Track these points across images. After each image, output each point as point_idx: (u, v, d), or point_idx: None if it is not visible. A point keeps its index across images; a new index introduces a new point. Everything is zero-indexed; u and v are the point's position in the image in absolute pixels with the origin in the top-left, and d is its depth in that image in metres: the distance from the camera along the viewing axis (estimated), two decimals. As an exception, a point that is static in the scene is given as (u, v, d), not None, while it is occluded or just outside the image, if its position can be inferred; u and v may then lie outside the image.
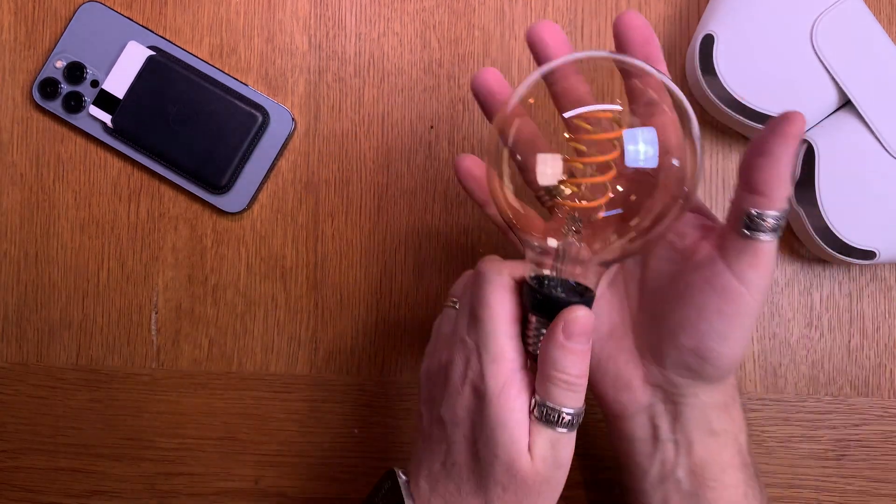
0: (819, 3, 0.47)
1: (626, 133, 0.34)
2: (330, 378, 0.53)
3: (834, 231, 0.46)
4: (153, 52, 0.52)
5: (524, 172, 0.37)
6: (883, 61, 0.47)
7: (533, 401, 0.36)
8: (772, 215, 0.35)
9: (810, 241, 0.49)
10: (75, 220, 0.54)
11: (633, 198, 0.35)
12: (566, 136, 0.36)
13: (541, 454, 0.36)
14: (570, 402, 0.36)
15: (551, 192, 0.36)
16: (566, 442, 0.36)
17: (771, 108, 0.47)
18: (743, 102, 0.47)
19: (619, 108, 0.35)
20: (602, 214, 0.35)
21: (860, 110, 0.46)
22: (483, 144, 0.52)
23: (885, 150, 0.46)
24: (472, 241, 0.53)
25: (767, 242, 0.35)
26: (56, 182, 0.54)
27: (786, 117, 0.34)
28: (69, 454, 0.54)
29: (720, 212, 0.52)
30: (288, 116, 0.52)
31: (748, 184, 0.36)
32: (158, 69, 0.52)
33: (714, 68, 0.47)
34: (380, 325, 0.53)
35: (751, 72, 0.47)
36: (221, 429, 0.53)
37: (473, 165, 0.41)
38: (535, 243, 0.37)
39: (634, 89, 0.36)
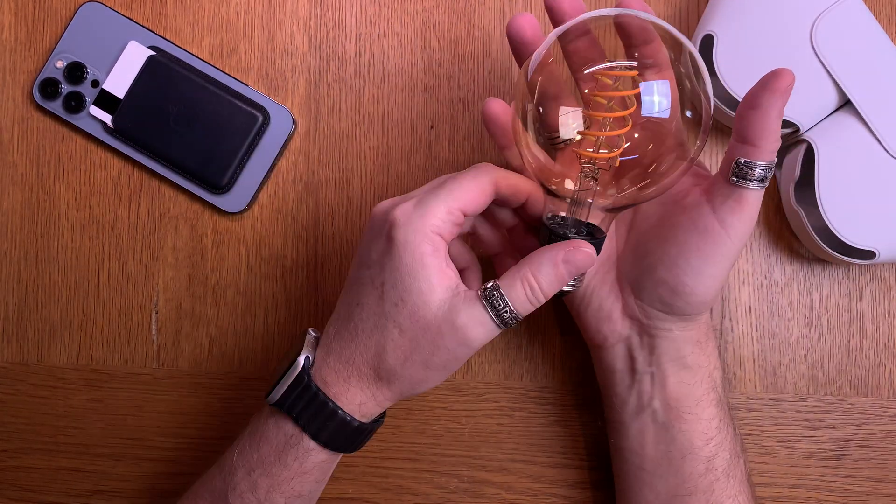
0: (819, 3, 0.47)
1: (644, 86, 0.37)
2: (330, 378, 0.53)
3: (834, 231, 0.46)
4: (153, 53, 0.52)
5: (547, 123, 0.39)
6: (883, 61, 0.47)
7: (491, 282, 0.38)
8: (759, 165, 0.38)
9: (810, 241, 0.49)
10: (76, 220, 0.54)
11: (649, 147, 0.38)
12: (586, 91, 0.38)
13: (462, 321, 0.38)
14: (519, 305, 0.38)
15: (570, 142, 0.39)
16: (488, 329, 0.38)
17: (771, 108, 0.47)
18: (743, 102, 0.47)
19: (635, 64, 0.38)
20: (617, 163, 0.38)
21: (860, 110, 0.46)
22: (509, 95, 0.52)
23: (885, 150, 0.46)
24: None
25: (753, 191, 0.38)
26: (56, 182, 0.54)
27: (775, 74, 0.37)
28: (69, 454, 0.54)
29: (720, 212, 0.52)
30: (288, 116, 0.52)
31: (739, 134, 0.38)
32: (159, 69, 0.52)
33: (714, 68, 0.47)
34: (380, 324, 0.53)
35: (751, 72, 0.47)
36: (221, 429, 0.53)
37: (501, 111, 0.42)
38: (553, 187, 0.40)
39: (643, 43, 0.38)
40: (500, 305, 0.38)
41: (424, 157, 0.53)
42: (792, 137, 0.49)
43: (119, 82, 0.52)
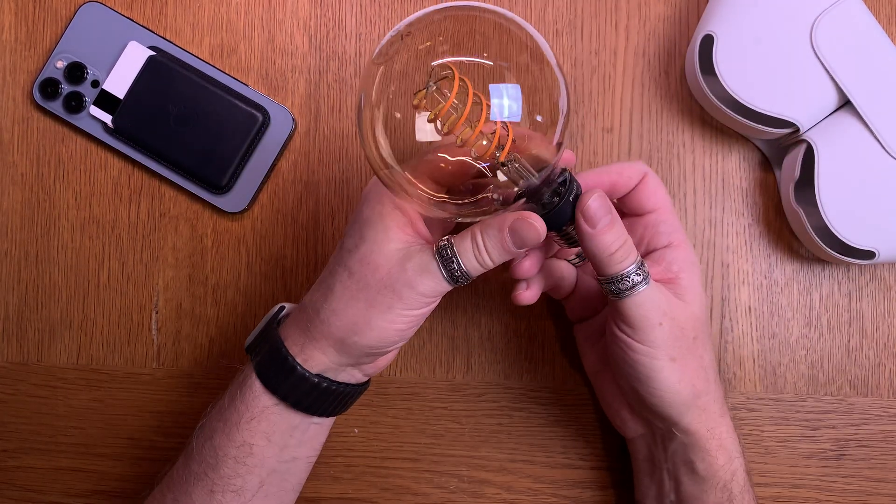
0: (819, 3, 0.47)
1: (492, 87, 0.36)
2: (330, 378, 0.53)
3: (833, 231, 0.46)
4: (153, 53, 0.52)
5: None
6: (883, 61, 0.47)
7: (447, 238, 0.39)
8: (610, 277, 0.39)
9: (810, 241, 0.49)
10: (76, 220, 0.54)
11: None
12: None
13: (411, 266, 0.38)
14: (467, 263, 0.38)
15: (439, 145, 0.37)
16: (436, 281, 0.38)
17: (770, 108, 0.47)
18: (742, 102, 0.47)
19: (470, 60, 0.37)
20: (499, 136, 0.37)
21: (860, 110, 0.46)
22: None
23: (885, 150, 0.46)
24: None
25: (629, 299, 0.39)
26: (57, 182, 0.54)
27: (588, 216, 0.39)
28: (69, 454, 0.54)
29: (720, 211, 0.52)
30: (288, 116, 0.52)
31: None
32: (159, 69, 0.52)
33: (714, 68, 0.47)
34: (380, 324, 0.53)
35: (750, 72, 0.47)
36: (222, 428, 0.53)
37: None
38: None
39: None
40: (447, 255, 0.38)
41: (424, 157, 0.53)
42: (792, 137, 0.49)
43: (119, 82, 0.52)
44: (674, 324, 0.40)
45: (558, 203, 0.39)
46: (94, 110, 0.52)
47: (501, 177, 0.38)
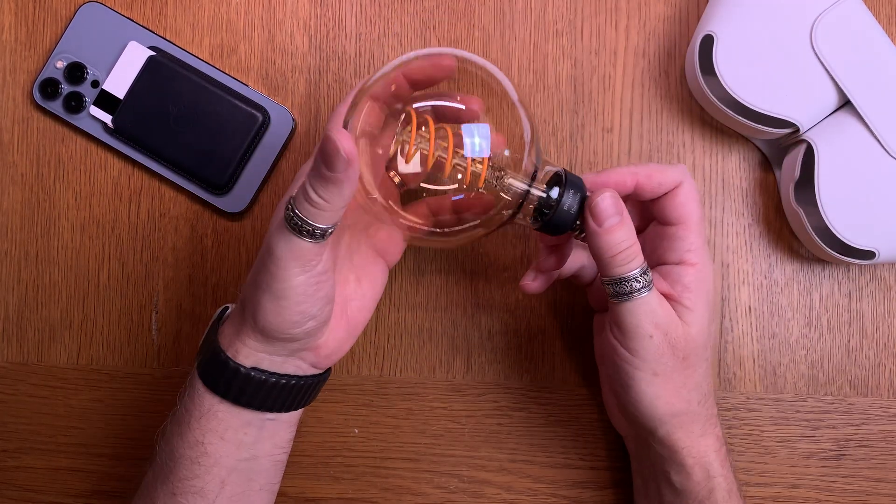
0: (819, 3, 0.47)
1: (465, 128, 0.39)
2: (330, 378, 0.53)
3: (833, 231, 0.46)
4: (153, 53, 0.52)
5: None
6: (883, 61, 0.47)
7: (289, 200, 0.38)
8: (606, 280, 0.39)
9: (810, 241, 0.49)
10: (76, 220, 0.54)
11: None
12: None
13: (270, 233, 0.38)
14: (301, 205, 0.36)
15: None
16: (287, 240, 0.37)
17: (770, 108, 0.47)
18: (742, 102, 0.47)
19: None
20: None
21: (860, 110, 0.46)
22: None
23: (885, 150, 0.46)
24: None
25: (627, 303, 0.39)
26: (56, 182, 0.54)
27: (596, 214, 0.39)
28: (69, 454, 0.54)
29: (720, 211, 0.52)
30: (288, 117, 0.52)
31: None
32: (159, 69, 0.52)
33: (714, 68, 0.47)
34: (380, 325, 0.53)
35: (750, 72, 0.47)
36: (222, 429, 0.53)
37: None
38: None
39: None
40: (289, 209, 0.37)
41: (424, 158, 0.53)
42: (792, 137, 0.49)
43: (119, 82, 0.52)
44: (664, 339, 0.39)
45: (559, 199, 0.39)
46: (94, 110, 0.52)
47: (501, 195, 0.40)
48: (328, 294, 0.39)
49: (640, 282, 0.39)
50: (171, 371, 0.54)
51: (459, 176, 0.39)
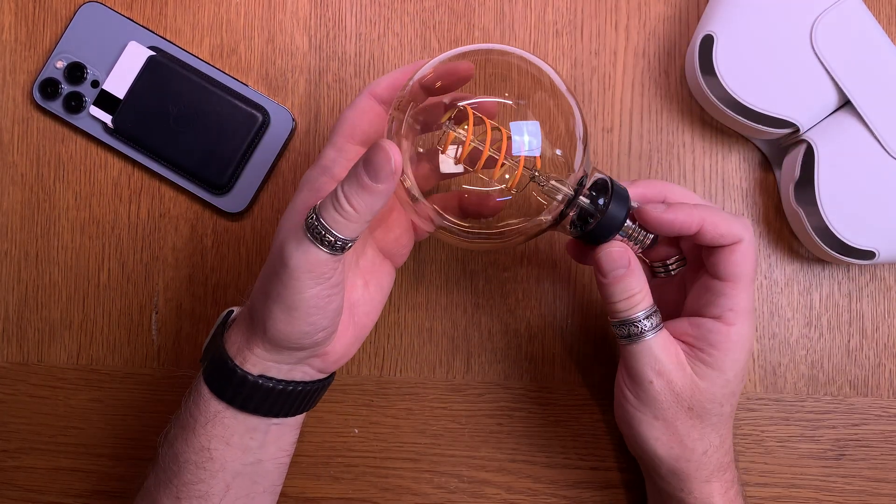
0: (819, 3, 0.47)
1: (513, 125, 0.38)
2: (330, 378, 0.53)
3: (833, 231, 0.46)
4: (153, 53, 0.52)
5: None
6: (883, 61, 0.47)
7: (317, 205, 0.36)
8: (612, 322, 0.40)
9: (810, 241, 0.49)
10: (76, 220, 0.54)
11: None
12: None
13: (286, 245, 0.36)
14: (330, 216, 0.35)
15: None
16: (307, 253, 0.36)
17: (770, 108, 0.47)
18: (742, 102, 0.47)
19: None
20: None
21: (860, 110, 0.46)
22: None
23: (885, 150, 0.46)
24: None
25: (626, 345, 0.40)
26: (56, 182, 0.54)
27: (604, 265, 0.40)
28: (69, 454, 0.54)
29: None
30: (288, 117, 0.52)
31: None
32: (159, 69, 0.52)
33: (714, 68, 0.47)
34: (380, 325, 0.53)
35: (750, 72, 0.47)
36: (222, 429, 0.53)
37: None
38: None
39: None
40: (312, 220, 0.35)
41: (424, 158, 0.53)
42: (792, 137, 0.49)
43: (119, 82, 0.52)
44: (667, 387, 0.39)
45: (605, 208, 0.39)
46: (94, 110, 0.52)
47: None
48: (339, 305, 0.39)
49: (644, 325, 0.39)
50: (171, 371, 0.54)
51: (507, 177, 0.38)
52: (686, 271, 0.44)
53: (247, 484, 0.42)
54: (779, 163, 0.51)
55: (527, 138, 0.38)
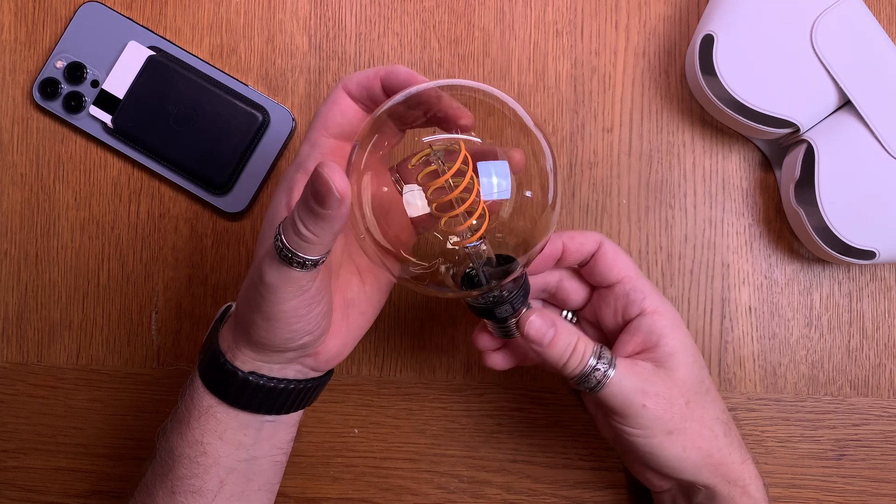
0: (819, 3, 0.47)
1: (481, 166, 0.36)
2: (330, 378, 0.53)
3: (834, 231, 0.46)
4: (153, 53, 0.52)
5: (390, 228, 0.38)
6: (883, 61, 0.47)
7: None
8: (572, 381, 0.40)
9: (810, 241, 0.49)
10: (75, 220, 0.54)
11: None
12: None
13: (262, 257, 0.36)
14: (289, 237, 0.35)
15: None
16: (277, 269, 0.35)
17: (771, 108, 0.47)
18: (743, 102, 0.47)
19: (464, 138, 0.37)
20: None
21: (860, 110, 0.46)
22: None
23: (885, 150, 0.46)
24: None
25: (600, 391, 0.39)
26: (56, 182, 0.54)
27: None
28: (69, 454, 0.54)
29: (720, 211, 0.52)
30: (288, 116, 0.52)
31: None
32: (159, 69, 0.52)
33: (714, 68, 0.47)
34: (380, 325, 0.53)
35: (751, 72, 0.47)
36: (221, 429, 0.53)
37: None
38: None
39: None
40: (279, 243, 0.35)
41: (424, 157, 0.53)
42: (792, 137, 0.49)
43: (119, 82, 0.52)
44: (658, 399, 0.40)
45: (508, 297, 0.39)
46: (94, 110, 0.52)
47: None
48: (324, 309, 0.39)
49: (601, 368, 0.39)
50: (170, 371, 0.53)
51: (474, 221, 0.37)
52: (587, 309, 0.46)
53: (241, 481, 0.42)
54: (779, 163, 0.51)
55: (495, 180, 0.36)
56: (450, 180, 0.36)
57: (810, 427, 0.51)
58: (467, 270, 0.39)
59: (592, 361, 0.39)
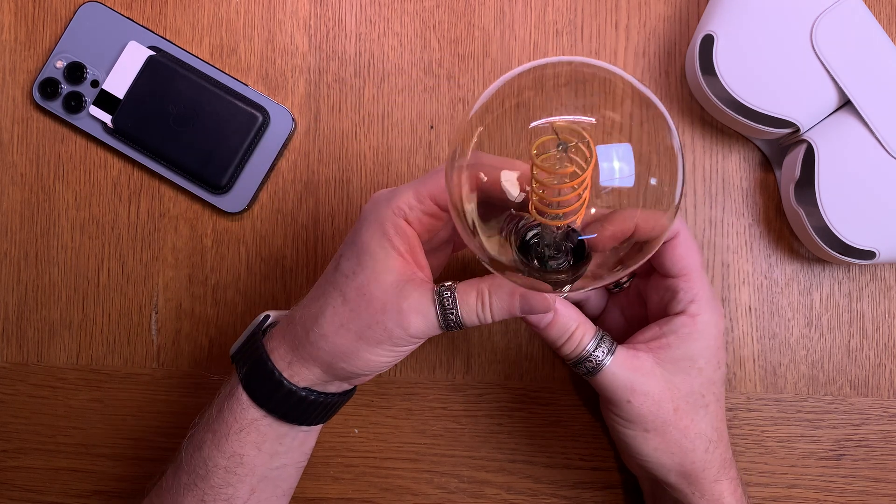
0: (819, 3, 0.47)
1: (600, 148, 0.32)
2: (330, 378, 0.53)
3: (834, 231, 0.46)
4: (153, 53, 0.52)
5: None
6: (883, 61, 0.47)
7: (450, 283, 0.38)
8: (568, 362, 0.40)
9: (810, 241, 0.49)
10: (75, 220, 0.54)
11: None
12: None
13: (407, 305, 0.37)
14: (467, 314, 0.38)
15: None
16: (429, 324, 0.38)
17: (771, 108, 0.47)
18: (743, 102, 0.47)
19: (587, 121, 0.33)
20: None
21: (860, 110, 0.46)
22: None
23: (885, 150, 0.46)
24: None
25: (591, 377, 0.40)
26: (56, 182, 0.54)
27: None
28: (69, 454, 0.54)
29: (720, 211, 0.52)
30: (288, 116, 0.52)
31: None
32: (159, 69, 0.52)
33: (714, 68, 0.47)
34: (380, 325, 0.53)
35: (751, 72, 0.47)
36: (221, 429, 0.53)
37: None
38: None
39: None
40: (448, 305, 0.38)
41: (424, 158, 0.53)
42: (792, 137, 0.49)
43: (119, 82, 0.52)
44: (645, 399, 0.40)
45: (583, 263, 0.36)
46: (94, 110, 0.52)
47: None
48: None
49: (597, 356, 0.39)
50: (170, 371, 0.53)
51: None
52: (638, 280, 0.45)
53: (270, 487, 0.42)
54: (779, 163, 0.51)
55: (617, 165, 0.32)
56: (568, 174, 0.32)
57: (810, 427, 0.51)
58: (546, 245, 0.36)
59: (591, 347, 0.39)
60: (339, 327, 0.38)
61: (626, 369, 0.40)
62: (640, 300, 0.46)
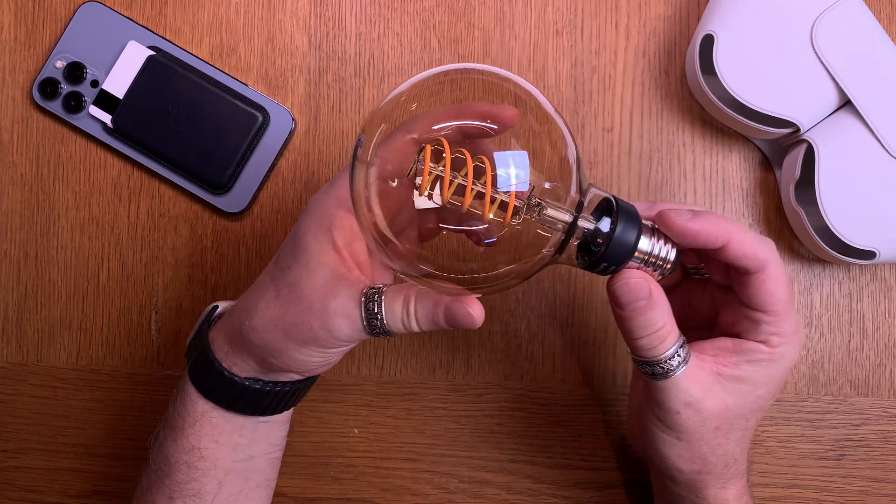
0: (819, 3, 0.47)
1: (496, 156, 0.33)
2: (329, 378, 0.53)
3: (834, 231, 0.46)
4: (153, 52, 0.52)
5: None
6: (883, 61, 0.47)
7: (381, 286, 0.37)
8: (636, 359, 0.38)
9: (810, 241, 0.49)
10: (75, 220, 0.54)
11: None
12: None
13: (333, 307, 0.36)
14: (391, 321, 0.37)
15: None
16: (354, 328, 0.37)
17: (771, 108, 0.47)
18: (743, 102, 0.47)
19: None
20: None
21: (860, 110, 0.46)
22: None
23: (885, 150, 0.46)
24: (470, 242, 0.53)
25: (661, 381, 0.37)
26: (56, 182, 0.54)
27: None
28: (69, 454, 0.54)
29: (721, 210, 0.52)
30: (288, 116, 0.52)
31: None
32: (158, 69, 0.52)
33: (714, 68, 0.47)
34: (380, 325, 0.53)
35: (751, 72, 0.47)
36: (221, 429, 0.53)
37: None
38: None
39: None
40: (374, 310, 0.36)
41: (424, 157, 0.53)
42: (792, 137, 0.49)
43: (119, 82, 0.52)
44: (694, 414, 0.38)
45: (612, 229, 0.34)
46: (94, 110, 0.52)
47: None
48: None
49: (671, 364, 0.36)
50: (170, 371, 0.53)
51: (486, 213, 0.33)
52: (715, 287, 0.42)
53: (239, 480, 0.42)
54: (779, 163, 0.51)
55: (514, 171, 0.33)
56: (457, 176, 0.33)
57: (810, 427, 0.51)
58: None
59: (669, 353, 0.36)
60: (268, 322, 0.38)
61: (692, 382, 0.37)
62: (710, 295, 0.42)
